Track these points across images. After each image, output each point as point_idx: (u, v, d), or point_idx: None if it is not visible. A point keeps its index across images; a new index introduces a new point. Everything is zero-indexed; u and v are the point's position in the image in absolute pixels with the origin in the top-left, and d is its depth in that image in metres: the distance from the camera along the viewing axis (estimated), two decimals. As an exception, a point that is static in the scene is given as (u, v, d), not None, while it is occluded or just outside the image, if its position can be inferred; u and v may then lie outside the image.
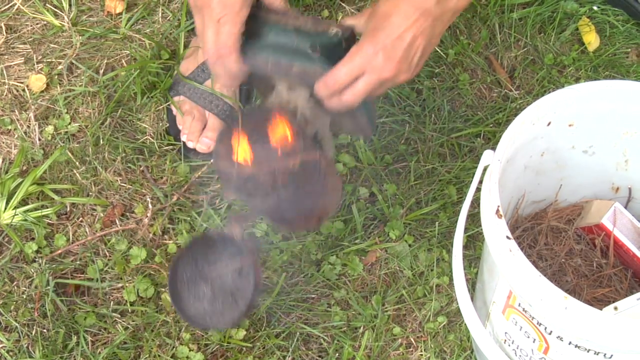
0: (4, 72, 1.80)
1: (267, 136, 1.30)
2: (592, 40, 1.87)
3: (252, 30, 1.33)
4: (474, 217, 1.66)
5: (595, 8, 1.90)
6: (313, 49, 1.31)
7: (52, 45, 1.83)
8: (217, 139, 1.36)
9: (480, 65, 1.84)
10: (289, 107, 1.34)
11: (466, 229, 1.63)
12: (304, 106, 1.34)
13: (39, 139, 1.73)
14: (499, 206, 1.27)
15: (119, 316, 1.59)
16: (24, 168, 1.70)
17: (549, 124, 1.40)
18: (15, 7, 1.86)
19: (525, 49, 1.86)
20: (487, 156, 1.33)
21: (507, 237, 1.23)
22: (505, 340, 1.37)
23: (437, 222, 1.67)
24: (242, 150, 1.31)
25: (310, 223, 1.43)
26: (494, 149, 1.32)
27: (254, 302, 1.40)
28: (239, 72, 1.34)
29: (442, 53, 1.83)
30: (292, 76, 1.33)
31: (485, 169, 1.34)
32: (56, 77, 1.79)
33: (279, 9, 1.34)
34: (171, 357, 1.55)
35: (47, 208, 1.66)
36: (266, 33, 1.33)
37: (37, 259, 1.62)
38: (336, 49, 1.31)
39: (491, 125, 1.77)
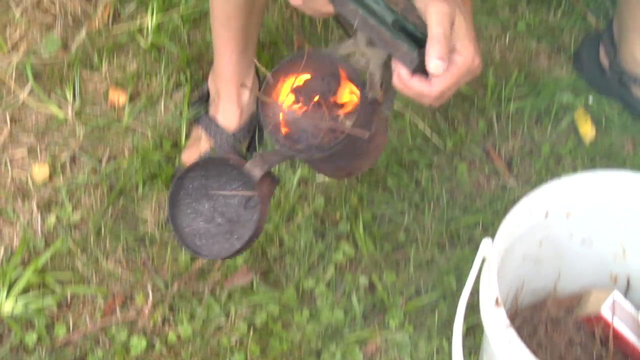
0: (8, 162, 1.82)
1: (327, 90, 1.23)
2: (588, 131, 1.89)
3: None
4: (474, 306, 1.66)
5: (590, 100, 1.93)
6: (394, 25, 1.22)
7: (55, 136, 1.86)
8: (274, 69, 1.26)
9: (478, 155, 1.86)
10: (362, 61, 1.25)
11: (466, 318, 1.63)
12: (375, 66, 1.25)
13: (41, 229, 1.74)
14: (497, 296, 1.28)
15: (118, 407, 1.58)
16: (26, 257, 1.71)
17: (546, 214, 1.41)
18: (20, 99, 1.89)
19: (523, 139, 1.88)
20: (485, 246, 1.34)
21: (507, 327, 1.23)
22: None
23: (436, 311, 1.67)
24: (293, 94, 1.24)
25: (342, 175, 1.35)
26: (492, 238, 1.33)
27: (249, 243, 1.28)
28: (324, 13, 1.25)
29: (440, 144, 1.86)
30: (375, 37, 1.23)
31: (484, 259, 1.35)
32: (59, 167, 1.81)
33: None
34: None
35: (48, 297, 1.66)
36: None
37: (37, 349, 1.62)
38: (410, 41, 1.23)
39: (490, 214, 1.78)
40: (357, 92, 1.24)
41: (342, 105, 1.25)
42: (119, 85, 1.91)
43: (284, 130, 1.25)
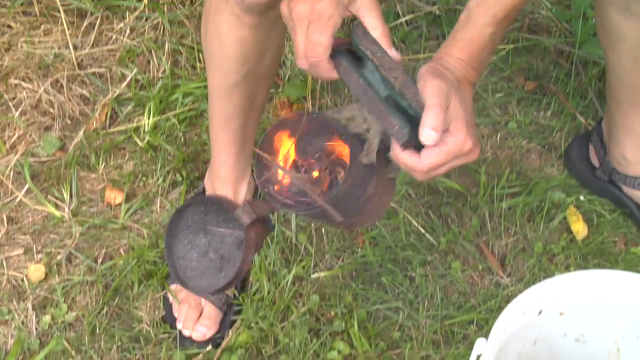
0: (4, 262, 1.83)
1: (320, 153, 1.28)
2: (580, 229, 1.91)
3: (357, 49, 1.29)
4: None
5: (582, 198, 1.95)
6: (387, 99, 1.26)
7: (52, 236, 1.87)
8: (274, 125, 1.30)
9: (472, 253, 1.87)
10: (363, 126, 1.28)
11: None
12: (375, 133, 1.28)
13: (36, 329, 1.74)
14: (493, 395, 1.28)
15: None
16: (20, 358, 1.71)
17: (540, 312, 1.42)
18: (17, 199, 1.91)
19: (515, 237, 1.90)
20: (479, 345, 1.34)
21: None
22: None
23: (432, 411, 1.66)
24: (288, 153, 1.28)
25: (343, 228, 1.42)
26: (486, 336, 1.33)
27: (231, 283, 1.36)
28: (328, 77, 1.29)
29: (434, 241, 1.87)
30: (371, 108, 1.26)
31: (478, 358, 1.35)
32: (55, 266, 1.82)
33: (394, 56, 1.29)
34: None
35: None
36: (367, 63, 1.28)
37: None
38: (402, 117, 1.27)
39: (484, 312, 1.79)
40: (348, 155, 1.26)
41: (334, 168, 1.28)
42: (116, 185, 1.93)
43: (275, 186, 1.29)
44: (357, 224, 1.40)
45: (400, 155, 1.25)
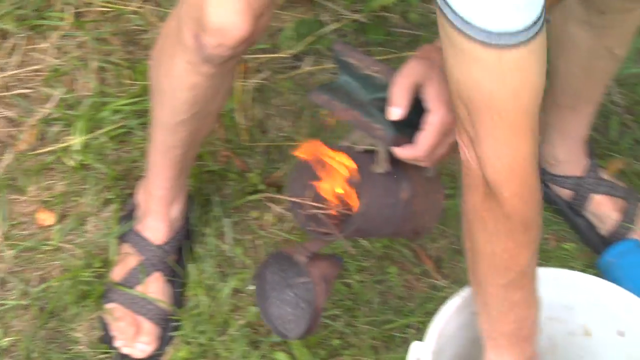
0: None
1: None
2: (512, 227, 1.93)
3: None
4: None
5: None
6: (372, 102, 1.32)
7: (-17, 261, 1.84)
8: (290, 175, 1.40)
9: (408, 257, 1.88)
10: (366, 141, 1.34)
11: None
12: (379, 145, 1.34)
13: (-30, 356, 1.72)
14: (432, 398, 1.29)
15: None
16: (-45, 386, 1.68)
17: (474, 313, 1.43)
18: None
19: (450, 238, 1.91)
20: (415, 349, 1.35)
21: None
22: None
23: (374, 416, 1.67)
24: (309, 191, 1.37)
25: (406, 237, 1.49)
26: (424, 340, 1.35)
27: (314, 322, 1.41)
28: None
29: (369, 247, 1.88)
30: (352, 121, 1.33)
31: (416, 361, 1.36)
32: (-12, 292, 1.80)
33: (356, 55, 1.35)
34: None
35: None
36: (339, 76, 1.35)
37: None
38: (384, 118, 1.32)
39: (422, 315, 1.79)
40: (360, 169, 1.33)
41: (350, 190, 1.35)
42: (47, 206, 1.91)
43: (311, 224, 1.37)
44: (417, 229, 1.44)
45: (399, 153, 1.30)
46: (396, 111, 1.27)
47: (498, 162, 1.18)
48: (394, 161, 1.33)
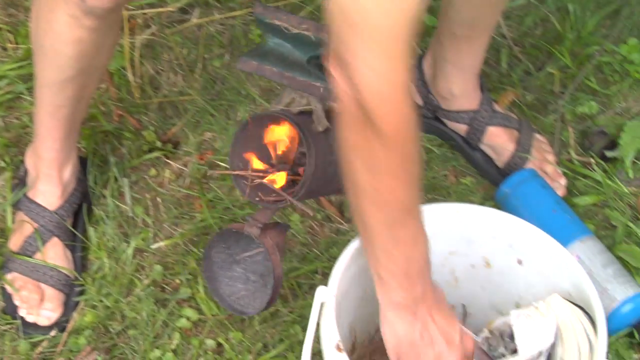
0: None
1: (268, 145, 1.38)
2: (410, 166, 1.94)
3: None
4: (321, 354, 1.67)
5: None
6: (309, 61, 1.31)
7: None
8: (232, 144, 1.40)
9: (309, 203, 1.88)
10: (303, 102, 1.35)
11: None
12: (315, 100, 1.34)
13: None
14: (338, 342, 1.29)
15: None
16: None
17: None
18: None
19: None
20: (321, 293, 1.36)
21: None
22: None
23: (286, 364, 1.68)
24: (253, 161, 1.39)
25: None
26: (329, 284, 1.35)
27: (275, 291, 1.43)
28: None
29: (271, 196, 1.87)
30: (286, 82, 1.33)
31: (322, 306, 1.36)
32: None
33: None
34: None
35: None
36: (268, 39, 1.35)
37: None
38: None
39: (327, 260, 1.80)
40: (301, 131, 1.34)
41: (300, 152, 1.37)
42: (-63, 179, 1.86)
43: (258, 194, 1.39)
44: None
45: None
46: None
47: (372, 87, 1.13)
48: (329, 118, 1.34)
